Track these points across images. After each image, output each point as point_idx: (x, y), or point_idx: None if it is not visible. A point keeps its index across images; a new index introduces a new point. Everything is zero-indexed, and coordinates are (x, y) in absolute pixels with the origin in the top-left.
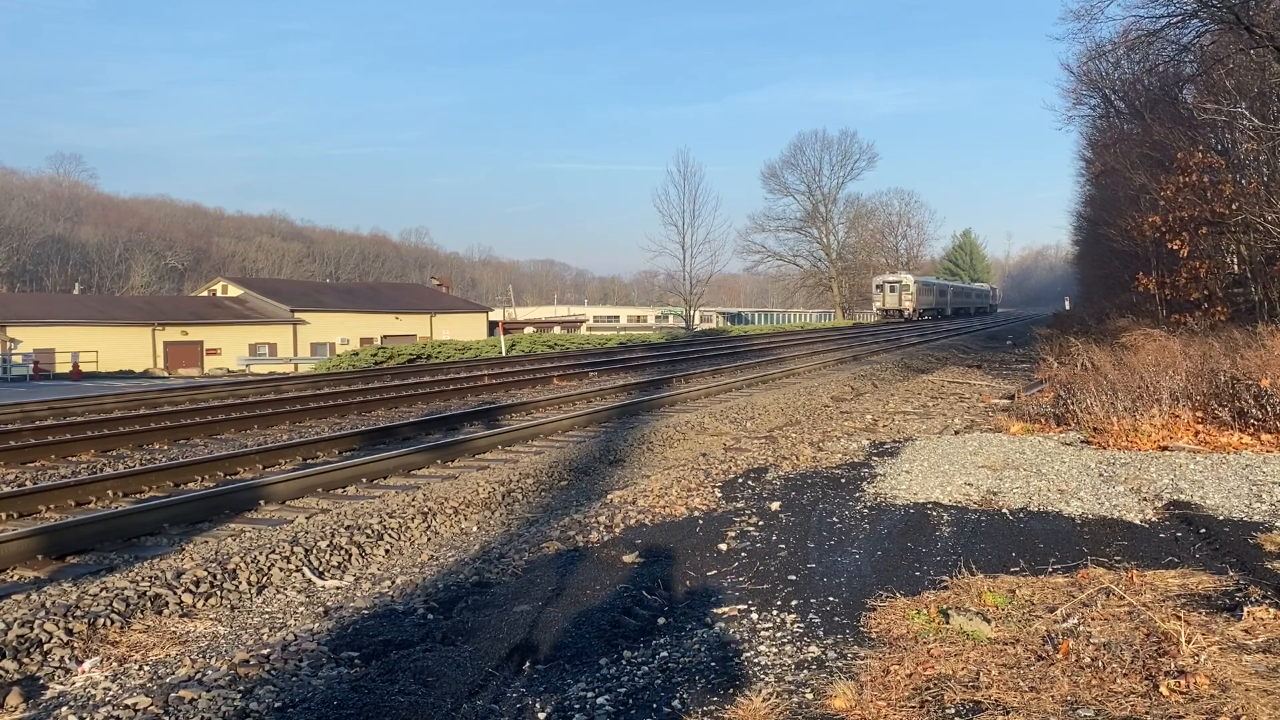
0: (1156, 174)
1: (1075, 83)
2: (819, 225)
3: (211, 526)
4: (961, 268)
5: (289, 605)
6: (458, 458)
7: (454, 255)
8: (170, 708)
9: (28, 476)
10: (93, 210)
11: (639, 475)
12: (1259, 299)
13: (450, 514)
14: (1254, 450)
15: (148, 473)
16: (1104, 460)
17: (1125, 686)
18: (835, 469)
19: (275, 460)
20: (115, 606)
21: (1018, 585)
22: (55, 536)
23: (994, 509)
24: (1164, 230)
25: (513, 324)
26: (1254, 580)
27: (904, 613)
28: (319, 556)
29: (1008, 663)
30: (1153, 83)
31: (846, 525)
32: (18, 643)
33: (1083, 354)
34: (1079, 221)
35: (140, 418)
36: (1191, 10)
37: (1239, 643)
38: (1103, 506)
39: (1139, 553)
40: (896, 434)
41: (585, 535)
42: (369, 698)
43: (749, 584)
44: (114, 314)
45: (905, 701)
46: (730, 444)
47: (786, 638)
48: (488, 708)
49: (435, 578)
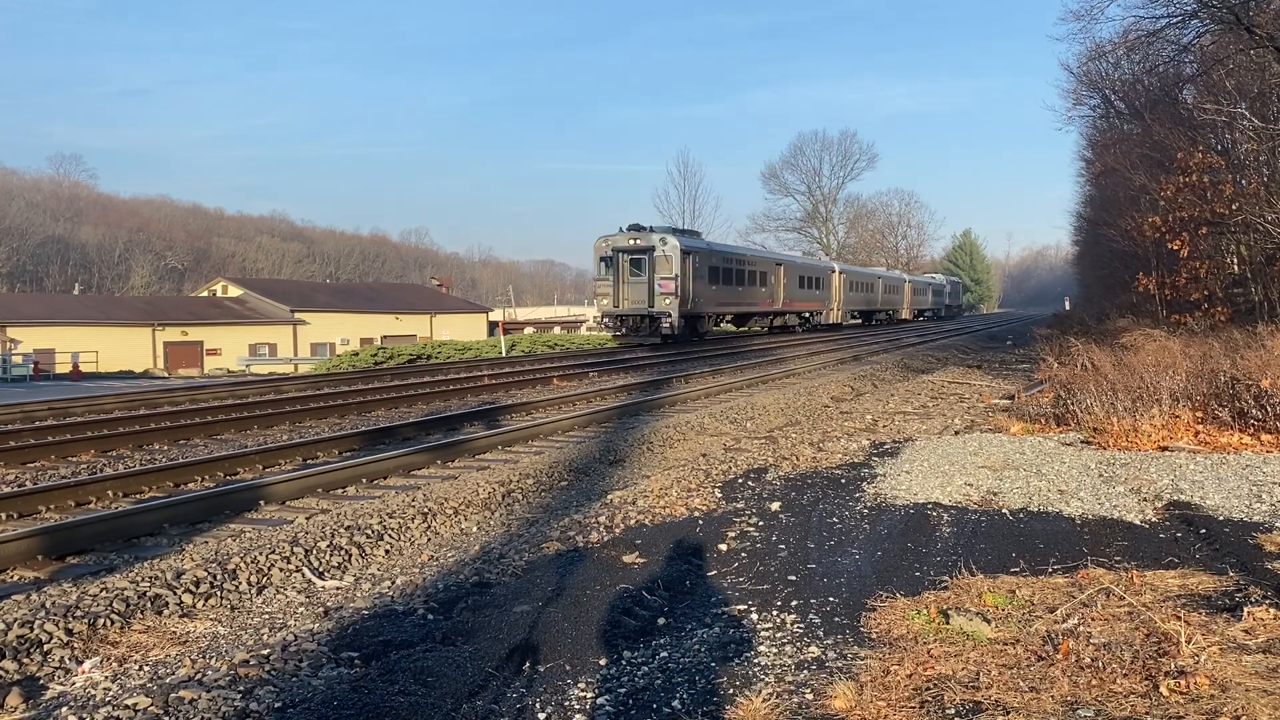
0: (1156, 174)
1: (1075, 83)
2: (819, 225)
3: (211, 527)
4: (961, 268)
5: (289, 605)
6: (458, 458)
7: (454, 255)
8: (170, 708)
9: (28, 476)
10: (93, 210)
11: (639, 475)
12: (1259, 299)
13: (450, 514)
14: (1254, 450)
15: (148, 473)
16: (1104, 460)
17: (1125, 686)
18: (835, 469)
19: (275, 460)
20: (115, 607)
21: (1018, 585)
22: (55, 537)
23: (994, 509)
24: (1164, 230)
25: (513, 324)
26: (1254, 580)
27: (904, 613)
28: (319, 557)
29: (1008, 663)
30: (1153, 83)
31: (846, 525)
32: (18, 643)
33: (1083, 354)
34: (1079, 222)
35: (140, 418)
36: (1191, 10)
37: (1239, 643)
38: (1103, 507)
39: (1139, 553)
40: (896, 434)
41: (585, 535)
42: (369, 698)
43: (749, 584)
44: (114, 314)
45: (905, 702)
46: (730, 444)
47: (786, 638)
48: (488, 708)
49: (435, 578)
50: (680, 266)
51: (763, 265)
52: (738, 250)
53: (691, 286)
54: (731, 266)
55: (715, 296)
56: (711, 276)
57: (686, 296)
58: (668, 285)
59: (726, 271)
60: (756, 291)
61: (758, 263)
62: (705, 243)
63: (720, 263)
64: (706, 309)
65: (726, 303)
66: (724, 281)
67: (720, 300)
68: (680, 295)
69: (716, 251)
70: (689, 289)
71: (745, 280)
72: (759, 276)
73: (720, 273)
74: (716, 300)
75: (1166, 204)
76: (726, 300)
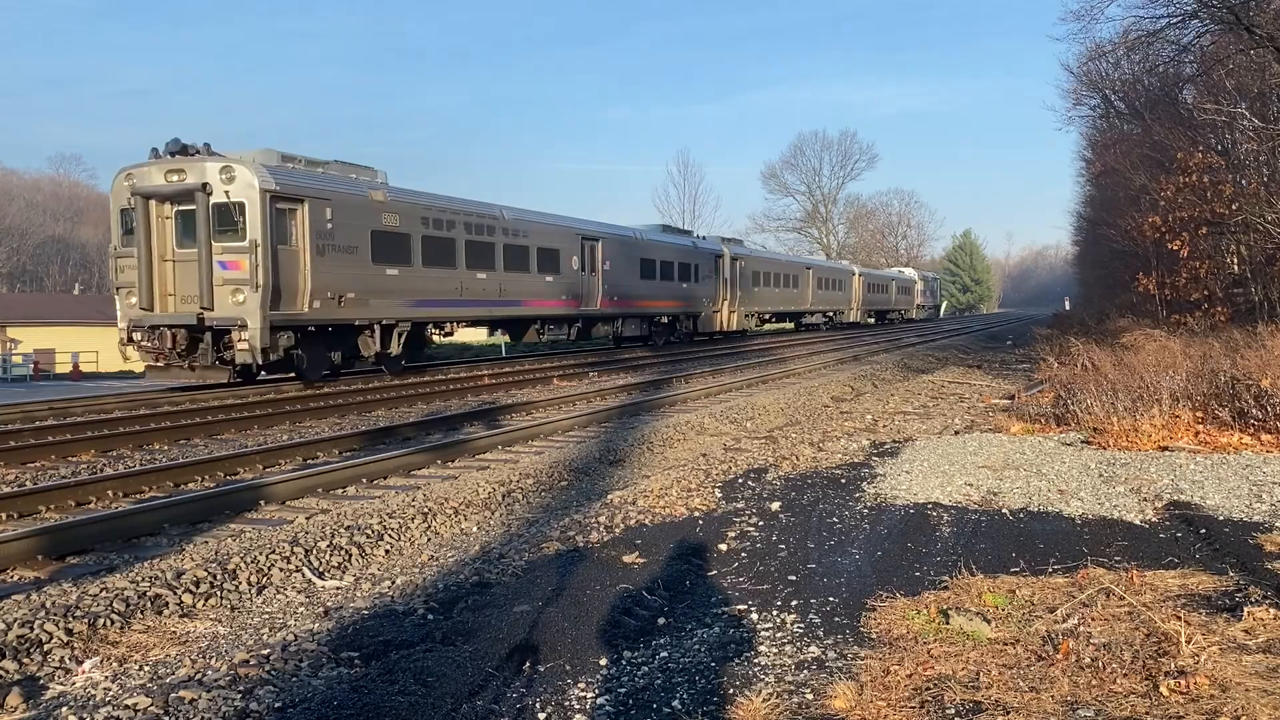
0: (1156, 174)
1: (1075, 83)
2: (819, 225)
3: (211, 527)
4: (961, 268)
5: (289, 605)
6: (458, 458)
7: None
8: (170, 708)
9: (28, 476)
10: (93, 210)
11: (639, 475)
12: (1259, 299)
13: (450, 514)
14: (1254, 450)
15: (148, 473)
16: (1104, 460)
17: (1125, 686)
18: (835, 469)
19: (275, 460)
20: (115, 607)
21: (1018, 585)
22: (55, 537)
23: (994, 509)
24: (1164, 230)
25: None
26: (1254, 580)
27: (904, 613)
28: (319, 557)
29: (1008, 663)
30: (1153, 83)
31: (846, 525)
32: (18, 643)
33: (1083, 354)
34: (1079, 222)
35: (140, 418)
36: (1191, 10)
37: (1239, 643)
38: (1103, 507)
39: (1139, 553)
40: (896, 434)
41: (585, 535)
42: (369, 698)
43: (749, 584)
44: (114, 314)
45: (905, 702)
46: (730, 444)
47: (786, 638)
48: (488, 708)
49: (435, 578)
50: (268, 221)
51: (794, 270)
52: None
53: (296, 270)
54: (770, 270)
55: (759, 297)
56: (754, 280)
57: (291, 287)
58: (237, 264)
59: (767, 276)
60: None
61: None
62: (747, 248)
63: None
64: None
65: (765, 303)
66: (765, 284)
67: (760, 301)
68: (270, 286)
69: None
70: (295, 274)
71: (782, 282)
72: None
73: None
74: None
75: (1166, 204)
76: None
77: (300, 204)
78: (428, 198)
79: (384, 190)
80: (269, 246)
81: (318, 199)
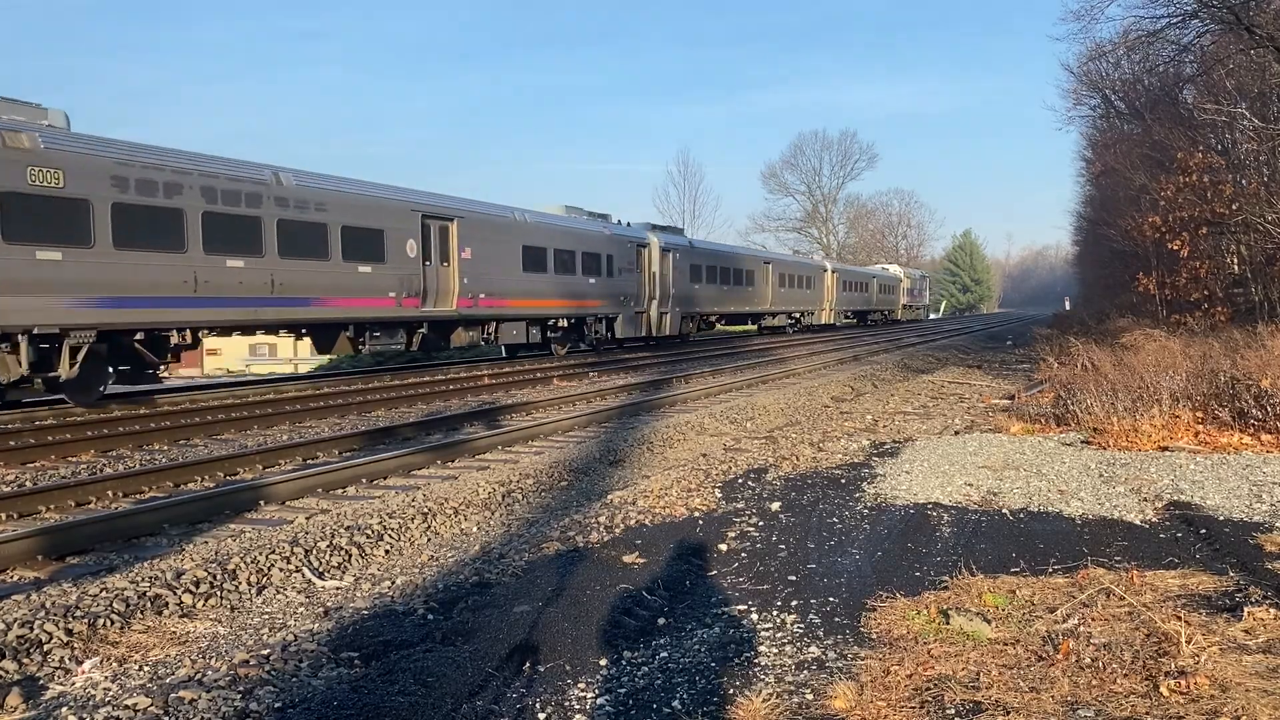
0: (1157, 174)
1: (1075, 83)
2: (819, 225)
3: (211, 527)
4: (961, 268)
5: (289, 606)
6: (458, 458)
7: None
8: (170, 708)
9: (28, 476)
10: None
11: (639, 476)
12: (1259, 299)
13: (450, 514)
14: (1254, 450)
15: (148, 473)
16: (1104, 461)
17: (1125, 687)
18: (835, 469)
19: (275, 460)
20: (115, 607)
21: (1018, 585)
22: (55, 537)
23: (994, 509)
24: (1164, 231)
25: None
26: (1254, 580)
27: (904, 613)
28: (319, 557)
29: (1008, 663)
30: (1153, 83)
31: (846, 525)
32: (18, 643)
33: (1083, 354)
34: (1079, 222)
35: (141, 417)
36: (1191, 10)
37: (1239, 643)
38: (1103, 507)
39: (1139, 553)
40: (897, 434)
41: (585, 536)
42: (369, 698)
43: (749, 584)
44: None
45: (905, 702)
46: (730, 444)
47: (786, 638)
48: (488, 708)
49: (435, 578)
50: None
51: (748, 264)
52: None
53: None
54: (714, 264)
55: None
56: (693, 276)
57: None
58: None
59: (712, 271)
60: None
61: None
62: (684, 238)
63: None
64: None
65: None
66: (709, 280)
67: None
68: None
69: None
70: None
71: (732, 279)
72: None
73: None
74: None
75: (1166, 204)
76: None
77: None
78: (127, 148)
79: (37, 134)
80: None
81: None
